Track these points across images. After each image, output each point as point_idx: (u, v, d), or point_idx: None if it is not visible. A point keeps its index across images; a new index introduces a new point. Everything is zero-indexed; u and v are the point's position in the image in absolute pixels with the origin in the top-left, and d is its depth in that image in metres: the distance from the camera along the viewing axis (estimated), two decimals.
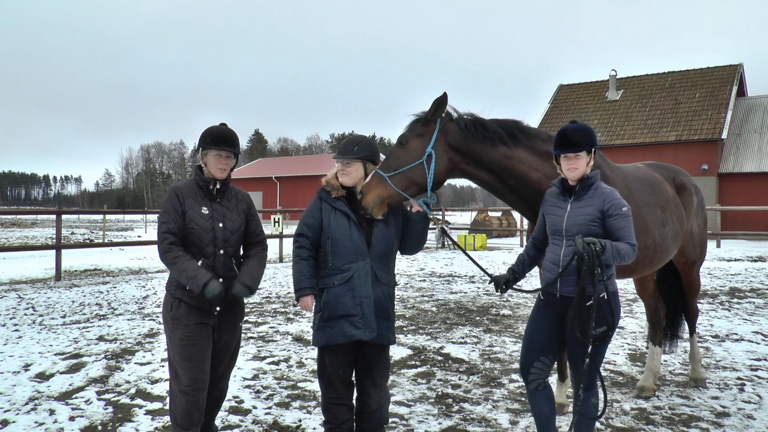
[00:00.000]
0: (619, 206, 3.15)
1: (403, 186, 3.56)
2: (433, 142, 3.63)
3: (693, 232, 4.97)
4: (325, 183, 3.61)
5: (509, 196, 3.96)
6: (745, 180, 27.92)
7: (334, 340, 3.42)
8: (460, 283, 11.80)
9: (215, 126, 3.53)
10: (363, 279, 3.42)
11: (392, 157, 3.64)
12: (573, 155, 3.18)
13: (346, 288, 3.41)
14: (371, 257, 3.46)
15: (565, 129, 3.26)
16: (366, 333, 3.40)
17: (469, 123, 3.74)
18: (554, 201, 3.35)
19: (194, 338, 3.34)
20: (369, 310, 3.41)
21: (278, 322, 7.68)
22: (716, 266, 14.38)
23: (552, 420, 3.33)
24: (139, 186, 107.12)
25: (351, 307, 3.40)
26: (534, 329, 3.36)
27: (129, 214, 42.13)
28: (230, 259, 3.50)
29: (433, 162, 3.61)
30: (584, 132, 3.21)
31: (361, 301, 3.40)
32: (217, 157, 3.42)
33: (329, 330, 3.43)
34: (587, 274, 3.00)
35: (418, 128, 3.69)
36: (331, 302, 3.43)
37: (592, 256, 2.96)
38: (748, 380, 5.22)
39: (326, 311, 3.44)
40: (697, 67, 32.60)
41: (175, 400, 3.41)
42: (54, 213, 12.73)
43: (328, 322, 3.43)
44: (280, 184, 48.42)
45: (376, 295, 3.46)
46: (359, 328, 3.39)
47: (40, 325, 7.41)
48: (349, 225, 3.46)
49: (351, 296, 3.40)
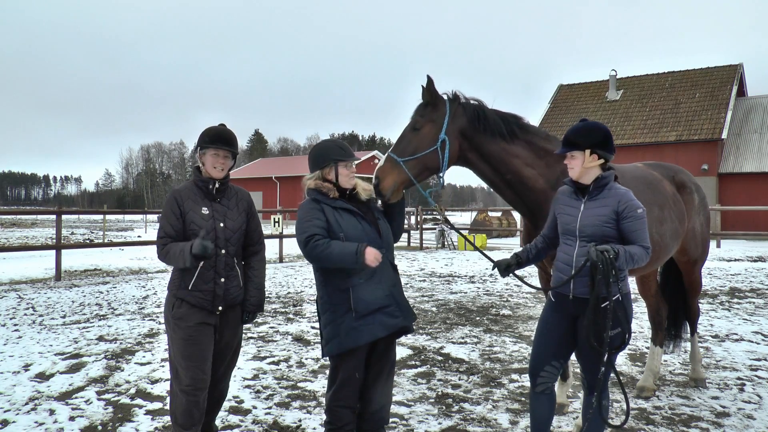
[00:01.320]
0: (634, 208, 3.08)
1: (417, 171, 3.61)
2: (445, 127, 3.67)
3: (695, 230, 4.96)
4: (316, 186, 3.47)
5: (507, 192, 3.99)
6: (745, 180, 27.93)
7: (377, 335, 3.33)
8: (460, 283, 11.80)
9: (213, 126, 3.54)
10: (385, 270, 3.41)
11: (405, 141, 3.65)
12: (568, 155, 3.17)
13: (373, 282, 3.36)
14: (385, 247, 3.46)
15: (570, 128, 3.25)
16: (406, 319, 3.43)
17: (472, 111, 3.78)
18: (566, 200, 3.28)
19: (196, 338, 3.34)
20: (400, 297, 3.46)
21: (278, 322, 7.68)
22: (716, 266, 14.38)
23: (549, 425, 3.32)
24: (139, 186, 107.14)
25: (383, 299, 3.37)
26: (545, 332, 3.28)
27: (129, 214, 42.10)
28: (232, 259, 3.49)
29: (447, 148, 3.66)
30: (585, 131, 3.15)
31: (390, 291, 3.40)
32: (215, 156, 3.42)
33: (366, 328, 3.30)
34: (601, 283, 2.94)
35: (429, 113, 3.70)
36: (364, 298, 3.32)
37: (606, 264, 2.91)
38: (748, 380, 5.22)
39: (360, 308, 3.31)
40: (697, 67, 32.62)
41: (175, 399, 3.41)
42: (54, 213, 12.73)
43: (363, 319, 3.31)
44: (280, 184, 48.41)
45: (397, 281, 3.51)
46: (398, 316, 3.38)
47: (40, 325, 7.41)
48: (359, 220, 3.43)
49: (381, 288, 3.37)
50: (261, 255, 3.70)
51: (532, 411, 3.35)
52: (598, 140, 3.13)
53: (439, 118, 3.70)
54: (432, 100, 3.74)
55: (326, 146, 3.55)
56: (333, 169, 3.48)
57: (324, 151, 3.50)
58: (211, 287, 3.39)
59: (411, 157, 3.59)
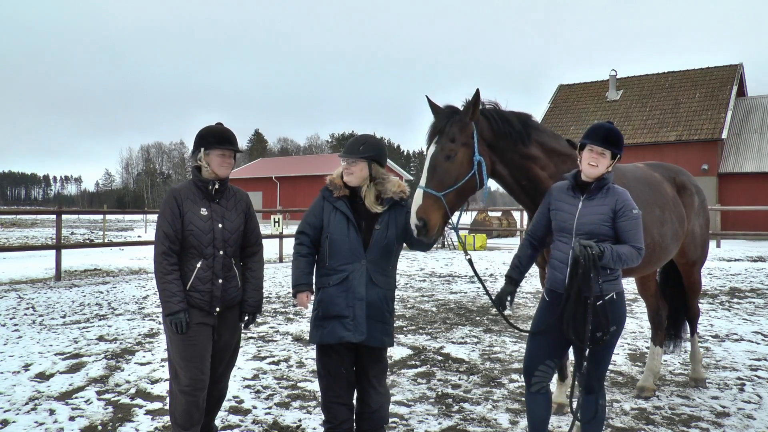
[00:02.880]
0: (630, 208, 3.12)
1: (456, 201, 3.46)
2: (477, 147, 3.49)
3: (694, 232, 4.96)
4: (329, 182, 3.57)
5: (522, 197, 3.88)
6: (745, 180, 27.93)
7: (326, 340, 3.43)
8: (460, 283, 11.80)
9: (213, 126, 3.53)
10: (358, 281, 3.39)
11: (441, 173, 3.41)
12: (600, 150, 3.11)
13: (340, 288, 3.40)
14: (367, 259, 3.42)
15: (602, 124, 3.20)
16: (355, 335, 3.38)
17: (496, 118, 3.62)
18: (563, 196, 3.25)
19: (194, 338, 3.35)
20: (360, 313, 3.38)
21: (278, 322, 7.68)
22: (716, 266, 14.39)
23: (546, 425, 3.32)
24: (139, 186, 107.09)
25: (344, 308, 3.39)
26: (540, 332, 3.28)
27: (129, 214, 42.11)
28: (230, 260, 3.50)
29: (483, 168, 3.51)
30: (619, 136, 3.17)
31: (353, 303, 3.38)
32: (222, 156, 3.43)
33: (322, 329, 3.44)
34: (582, 278, 2.99)
35: (460, 136, 3.47)
36: (325, 302, 3.44)
37: (588, 260, 2.95)
38: (748, 380, 5.22)
39: (320, 310, 3.45)
40: (697, 67, 32.62)
41: (175, 400, 3.41)
42: (54, 213, 12.72)
43: (322, 321, 3.44)
44: (280, 184, 48.43)
45: (370, 297, 3.41)
46: (349, 330, 3.37)
47: (40, 325, 7.41)
48: (348, 226, 3.43)
49: (345, 297, 3.39)
50: (259, 256, 3.71)
51: (528, 411, 3.35)
52: (622, 149, 3.19)
53: (470, 138, 3.48)
54: (472, 119, 3.50)
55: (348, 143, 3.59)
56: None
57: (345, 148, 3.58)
58: (209, 288, 3.39)
59: (450, 190, 3.39)
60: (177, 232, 3.36)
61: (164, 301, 3.30)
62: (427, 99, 3.70)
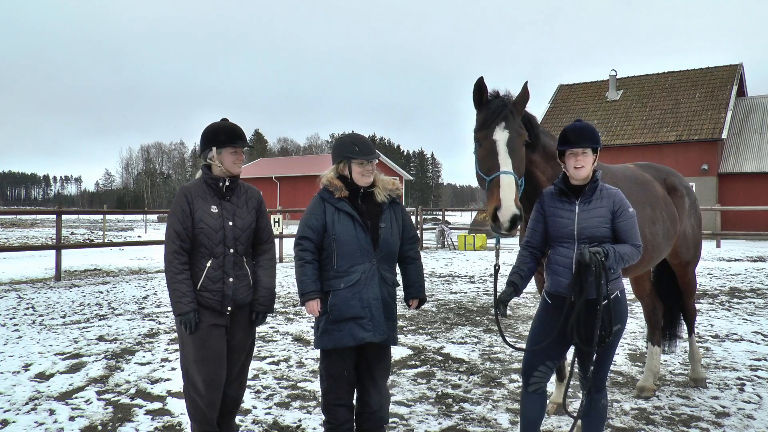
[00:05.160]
0: (626, 207, 3.14)
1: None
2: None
3: (686, 233, 4.96)
4: (327, 183, 3.47)
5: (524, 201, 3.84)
6: (745, 180, 27.92)
7: (344, 343, 3.35)
8: (460, 283, 11.80)
9: (221, 123, 3.49)
10: (370, 280, 3.37)
11: (518, 159, 3.26)
12: (581, 151, 3.10)
13: (353, 290, 3.35)
14: (377, 258, 3.41)
15: (573, 125, 3.18)
16: (376, 335, 3.36)
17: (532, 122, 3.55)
18: (556, 203, 3.22)
19: (207, 341, 3.33)
20: (378, 312, 3.37)
21: (278, 322, 7.68)
22: (716, 266, 14.38)
23: (539, 425, 3.34)
24: (139, 186, 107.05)
25: (359, 309, 3.34)
26: (540, 332, 3.27)
27: (129, 214, 42.13)
28: (241, 258, 3.46)
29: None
30: (592, 130, 3.16)
31: (369, 303, 3.35)
32: (234, 154, 3.41)
33: (337, 333, 3.36)
34: (593, 285, 2.99)
35: (521, 128, 3.38)
36: (339, 305, 3.35)
37: (598, 266, 2.95)
38: (748, 380, 5.22)
39: (333, 314, 3.36)
40: (697, 67, 32.61)
41: (191, 401, 3.40)
42: (54, 213, 12.73)
43: (336, 324, 3.36)
44: (280, 184, 48.40)
45: (383, 296, 3.42)
46: (369, 330, 3.34)
47: (40, 325, 7.41)
48: (355, 226, 3.38)
49: (359, 298, 3.35)
50: (271, 254, 3.66)
51: (523, 410, 3.34)
52: (600, 140, 3.19)
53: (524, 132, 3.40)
54: (520, 113, 3.42)
55: (342, 142, 3.52)
56: (347, 165, 3.46)
57: (339, 147, 3.51)
58: (219, 287, 3.36)
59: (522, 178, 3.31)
60: (188, 230, 3.33)
61: (174, 301, 3.27)
62: (481, 81, 3.41)
